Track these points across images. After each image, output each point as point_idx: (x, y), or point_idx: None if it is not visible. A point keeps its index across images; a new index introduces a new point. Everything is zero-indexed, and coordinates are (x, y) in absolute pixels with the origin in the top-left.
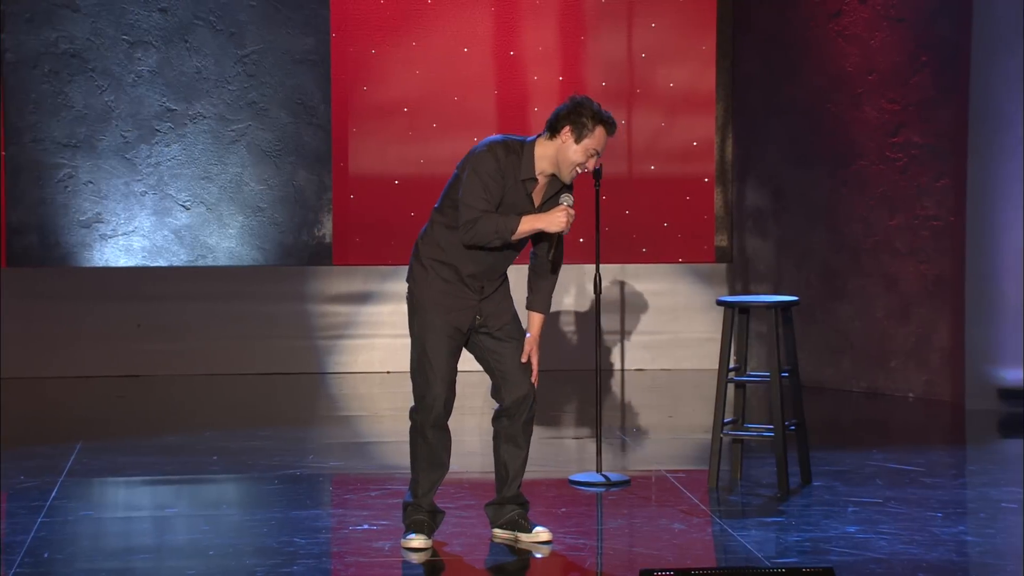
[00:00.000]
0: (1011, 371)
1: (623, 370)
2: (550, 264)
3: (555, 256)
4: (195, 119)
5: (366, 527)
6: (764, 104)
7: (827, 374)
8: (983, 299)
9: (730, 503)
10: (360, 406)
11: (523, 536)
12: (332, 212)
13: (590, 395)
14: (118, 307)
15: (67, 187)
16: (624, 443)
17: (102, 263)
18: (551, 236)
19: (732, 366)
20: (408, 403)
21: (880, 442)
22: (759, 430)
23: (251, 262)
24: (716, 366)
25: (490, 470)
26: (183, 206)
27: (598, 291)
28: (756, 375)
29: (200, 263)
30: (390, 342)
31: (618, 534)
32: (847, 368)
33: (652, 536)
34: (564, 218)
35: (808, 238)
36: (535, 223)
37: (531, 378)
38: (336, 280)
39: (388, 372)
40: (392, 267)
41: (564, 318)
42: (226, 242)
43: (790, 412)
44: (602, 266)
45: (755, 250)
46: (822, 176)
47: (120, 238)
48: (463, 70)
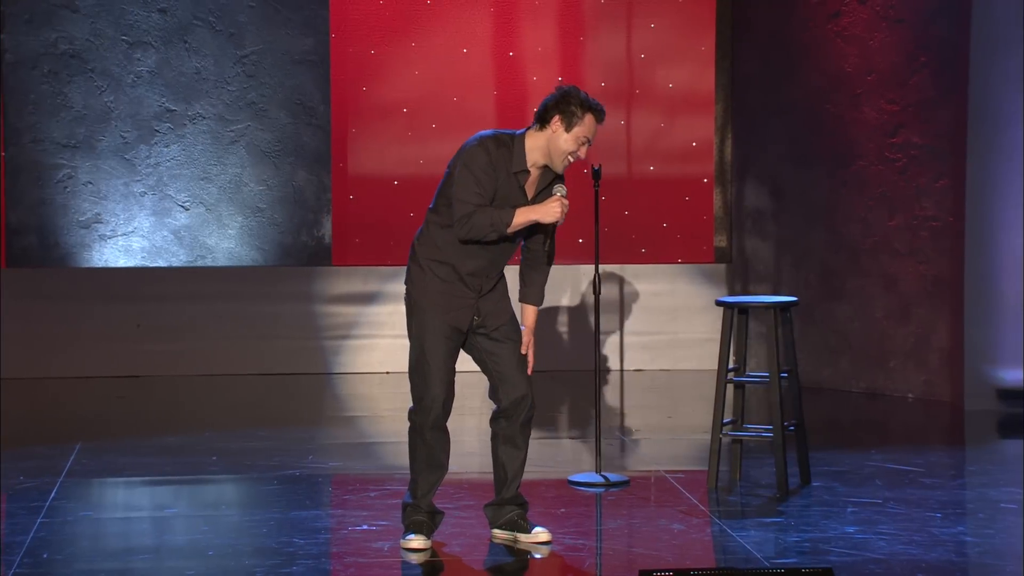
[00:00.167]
0: (1010, 371)
1: (622, 370)
2: (545, 256)
3: (549, 247)
4: (194, 120)
5: (365, 528)
6: (763, 104)
7: (826, 374)
8: (982, 299)
9: (729, 503)
10: (359, 406)
11: (522, 537)
12: (332, 213)
13: (589, 396)
14: (118, 307)
15: (66, 188)
16: (623, 443)
17: (102, 264)
18: (546, 228)
19: (731, 366)
20: (407, 404)
21: (879, 442)
22: (758, 430)
23: (250, 263)
24: (715, 366)
25: (489, 471)
26: (182, 207)
27: (597, 291)
28: (755, 375)
29: (199, 264)
30: (390, 342)
31: (617, 534)
32: (846, 368)
33: (651, 536)
34: (559, 208)
35: (807, 238)
36: (530, 215)
37: (527, 372)
38: (335, 280)
39: (387, 373)
40: (391, 267)
41: (563, 318)
42: (225, 243)
43: (789, 412)
44: (601, 266)
45: (754, 250)
46: (821, 176)
47: (119, 238)
48: (462, 71)
